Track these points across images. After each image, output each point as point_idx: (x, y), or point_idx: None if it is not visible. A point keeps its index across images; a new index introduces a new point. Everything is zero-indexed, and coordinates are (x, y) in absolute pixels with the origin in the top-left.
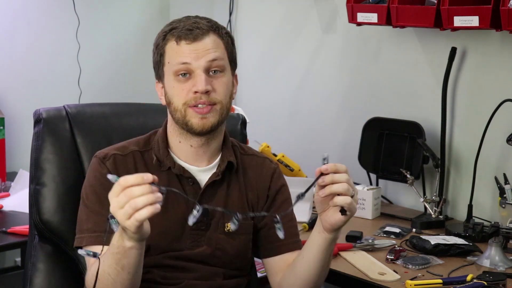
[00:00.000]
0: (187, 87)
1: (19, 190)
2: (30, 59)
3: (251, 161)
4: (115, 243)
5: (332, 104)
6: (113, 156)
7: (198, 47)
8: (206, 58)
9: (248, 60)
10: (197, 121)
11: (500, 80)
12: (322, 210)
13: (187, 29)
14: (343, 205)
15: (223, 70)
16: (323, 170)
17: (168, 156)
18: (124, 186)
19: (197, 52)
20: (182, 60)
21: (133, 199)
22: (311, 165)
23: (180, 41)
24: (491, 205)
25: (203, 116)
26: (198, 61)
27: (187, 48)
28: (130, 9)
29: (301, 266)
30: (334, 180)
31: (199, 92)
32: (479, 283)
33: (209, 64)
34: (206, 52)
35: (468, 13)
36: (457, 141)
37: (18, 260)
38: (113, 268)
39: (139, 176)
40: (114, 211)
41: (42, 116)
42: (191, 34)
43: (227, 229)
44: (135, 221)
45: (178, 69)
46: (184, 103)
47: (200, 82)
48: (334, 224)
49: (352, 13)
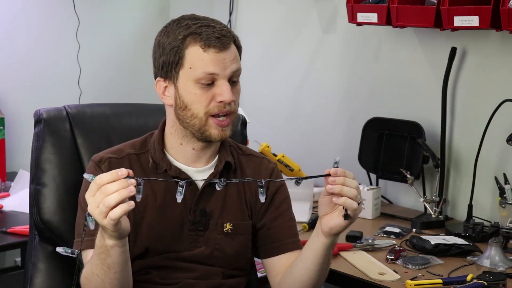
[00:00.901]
0: (210, 95)
1: (19, 190)
2: (30, 59)
3: (249, 161)
4: (98, 243)
5: (332, 104)
6: (108, 160)
7: (226, 57)
8: (232, 68)
9: (248, 60)
10: (217, 132)
11: (500, 80)
12: (324, 213)
13: (216, 37)
14: (349, 208)
15: (239, 79)
16: (333, 173)
17: (164, 159)
18: (100, 185)
19: (224, 62)
20: (209, 70)
21: (106, 197)
22: (311, 165)
23: (208, 48)
24: (491, 205)
25: (223, 129)
26: (225, 71)
27: (215, 57)
28: (130, 9)
29: (299, 268)
30: (345, 183)
31: (224, 102)
32: (479, 283)
33: (233, 74)
34: (232, 62)
35: (468, 13)
36: (457, 141)
37: (18, 260)
38: (100, 268)
39: (113, 172)
40: (91, 210)
41: (43, 117)
42: (219, 42)
43: (226, 229)
44: (110, 220)
45: (203, 77)
46: (206, 112)
47: (227, 93)
48: (333, 227)
49: (352, 13)
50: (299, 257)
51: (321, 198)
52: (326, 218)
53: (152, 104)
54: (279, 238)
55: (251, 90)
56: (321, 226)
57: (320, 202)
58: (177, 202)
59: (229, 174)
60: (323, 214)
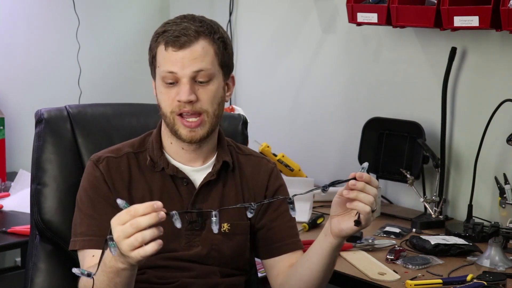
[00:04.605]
0: (172, 94)
1: (19, 190)
2: (30, 59)
3: (248, 161)
4: (108, 263)
5: (332, 104)
6: (106, 159)
7: (184, 56)
8: (192, 68)
9: (248, 60)
10: (185, 132)
11: (500, 80)
12: (336, 213)
13: (175, 36)
14: (361, 212)
15: (210, 79)
16: (358, 177)
17: (162, 157)
18: (133, 216)
19: (183, 60)
20: (168, 69)
21: (141, 232)
22: (311, 165)
23: (168, 47)
24: (491, 205)
25: (191, 130)
26: (183, 70)
27: (174, 56)
28: (130, 9)
29: (304, 268)
30: (364, 189)
31: (181, 101)
32: (479, 283)
33: (195, 74)
34: (192, 61)
35: (468, 13)
36: (457, 141)
37: (18, 260)
38: (105, 284)
39: (149, 206)
40: (118, 240)
41: (44, 117)
42: (178, 41)
43: (223, 229)
44: (138, 256)
45: (165, 76)
46: (171, 110)
47: (184, 92)
48: (343, 230)
49: (352, 13)
50: (305, 256)
51: (336, 198)
52: (338, 219)
53: (153, 104)
54: (280, 239)
55: (251, 90)
56: (331, 226)
57: (334, 202)
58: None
59: (227, 174)
60: (335, 214)
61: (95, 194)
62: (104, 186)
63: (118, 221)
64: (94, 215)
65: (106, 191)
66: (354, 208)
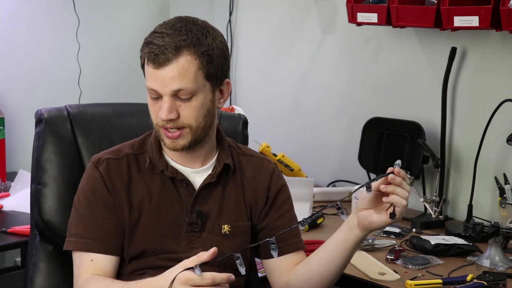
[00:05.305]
0: (156, 109)
1: (19, 190)
2: (30, 59)
3: (249, 162)
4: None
5: (332, 104)
6: (106, 161)
7: (164, 74)
8: (171, 87)
9: (248, 60)
10: (168, 142)
11: (500, 80)
12: (365, 207)
13: (155, 54)
14: (397, 205)
15: (193, 95)
16: (396, 172)
17: (161, 159)
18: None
19: (163, 79)
20: (150, 86)
21: None
22: (311, 165)
23: (149, 63)
24: (491, 205)
25: (173, 140)
26: (164, 89)
27: (154, 74)
28: (130, 9)
29: (321, 263)
30: (401, 184)
31: (161, 118)
32: (479, 283)
33: (174, 92)
34: (171, 80)
35: (468, 13)
36: (457, 141)
37: (18, 260)
38: None
39: (224, 278)
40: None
41: (44, 116)
42: (157, 60)
43: (224, 231)
44: None
45: (149, 91)
46: (156, 123)
47: (164, 110)
48: (373, 222)
49: (352, 13)
50: (321, 251)
51: (365, 193)
52: (367, 212)
53: None
54: (282, 239)
55: (251, 90)
56: (359, 219)
57: (363, 196)
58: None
59: (227, 175)
60: (363, 207)
61: (93, 197)
62: (103, 189)
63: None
64: (91, 217)
65: (105, 193)
66: (391, 202)
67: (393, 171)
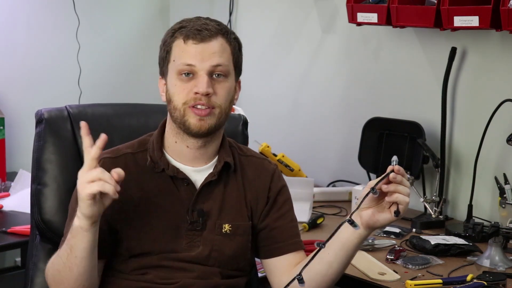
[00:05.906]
0: (188, 87)
1: (19, 190)
2: (30, 59)
3: (250, 162)
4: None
5: (332, 104)
6: (102, 160)
7: (204, 49)
8: (211, 62)
9: (248, 60)
10: (195, 121)
11: (500, 80)
12: (369, 206)
13: (196, 29)
14: (401, 203)
15: (226, 75)
16: (396, 170)
17: (162, 157)
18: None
19: (203, 54)
20: (187, 61)
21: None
22: (311, 165)
23: (187, 40)
24: (491, 205)
25: (201, 118)
26: (203, 64)
27: (194, 49)
28: (130, 9)
29: (324, 262)
30: (402, 182)
31: (199, 93)
32: (479, 283)
33: (213, 68)
34: (212, 55)
35: (468, 13)
36: (457, 141)
37: (18, 260)
38: (64, 250)
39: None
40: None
41: (44, 117)
42: (199, 34)
43: (225, 230)
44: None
45: (182, 68)
46: (184, 102)
47: (202, 84)
48: (378, 221)
49: (352, 13)
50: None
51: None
52: (371, 211)
53: (153, 105)
54: (282, 239)
55: (251, 90)
56: (362, 218)
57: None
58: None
59: (228, 174)
60: (367, 206)
61: None
62: None
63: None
64: None
65: None
66: (395, 200)
67: (393, 169)
